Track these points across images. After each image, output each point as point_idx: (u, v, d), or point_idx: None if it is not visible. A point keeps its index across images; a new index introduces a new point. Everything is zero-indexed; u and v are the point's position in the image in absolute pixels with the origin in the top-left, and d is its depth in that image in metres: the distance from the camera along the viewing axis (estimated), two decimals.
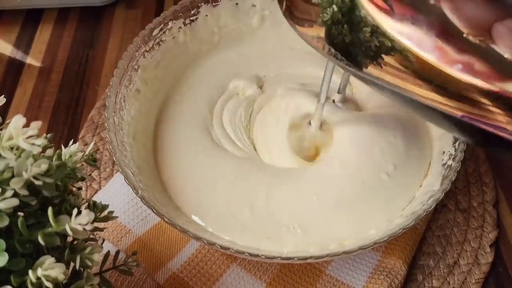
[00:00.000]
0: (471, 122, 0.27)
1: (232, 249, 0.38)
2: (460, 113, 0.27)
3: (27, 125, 0.28)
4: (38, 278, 0.26)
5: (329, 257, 0.38)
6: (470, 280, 0.46)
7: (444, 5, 0.24)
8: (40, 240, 0.27)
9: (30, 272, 0.26)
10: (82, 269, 0.31)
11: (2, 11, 0.73)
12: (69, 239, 0.31)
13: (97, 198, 0.37)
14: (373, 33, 0.28)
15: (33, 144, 0.28)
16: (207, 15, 0.55)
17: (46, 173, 0.29)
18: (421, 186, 0.46)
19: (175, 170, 0.48)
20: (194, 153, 0.49)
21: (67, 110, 0.62)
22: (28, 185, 0.28)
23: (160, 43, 0.53)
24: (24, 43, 0.70)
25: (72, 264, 0.30)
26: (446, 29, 0.25)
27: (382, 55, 0.29)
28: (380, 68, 0.29)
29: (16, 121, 0.28)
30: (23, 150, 0.28)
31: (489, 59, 0.24)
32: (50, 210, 0.27)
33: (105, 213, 0.35)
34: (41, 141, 0.28)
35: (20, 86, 0.64)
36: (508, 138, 0.26)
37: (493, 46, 0.24)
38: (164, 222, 0.39)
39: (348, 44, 0.31)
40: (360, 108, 0.52)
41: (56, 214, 0.28)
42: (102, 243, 0.47)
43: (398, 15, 0.27)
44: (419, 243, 0.48)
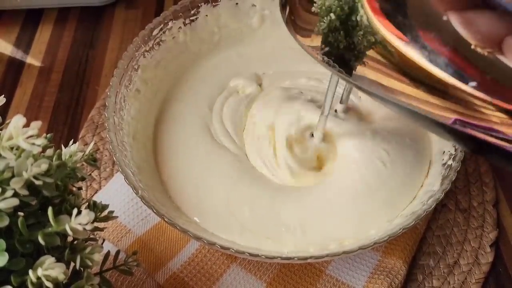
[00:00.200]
0: (463, 130, 0.27)
1: (232, 249, 0.38)
2: (452, 118, 0.27)
3: (27, 125, 0.28)
4: (38, 278, 0.26)
5: (329, 257, 0.38)
6: (470, 280, 0.46)
7: (454, 18, 0.25)
8: (40, 240, 0.27)
9: (30, 272, 0.26)
10: (82, 269, 0.31)
11: (2, 11, 0.73)
12: (69, 239, 0.31)
13: (97, 198, 0.37)
14: (366, 38, 0.29)
15: (33, 144, 0.28)
16: (207, 15, 0.55)
17: (46, 173, 0.29)
18: (422, 186, 0.46)
19: (175, 170, 0.48)
20: (194, 153, 0.49)
21: (67, 110, 0.62)
22: (28, 185, 0.28)
23: (160, 43, 0.53)
24: (24, 43, 0.70)
25: (72, 264, 0.30)
26: (455, 41, 0.25)
27: (374, 62, 0.29)
28: (368, 67, 0.30)
29: (16, 121, 0.28)
30: (23, 150, 0.28)
31: (495, 71, 0.25)
32: (50, 210, 0.27)
33: (105, 213, 0.35)
34: (41, 141, 0.28)
35: (20, 86, 0.64)
36: (500, 145, 0.26)
37: (501, 58, 0.24)
38: (164, 222, 0.39)
39: (342, 51, 0.31)
40: (362, 118, 0.52)
41: (56, 214, 0.28)
42: (102, 243, 0.47)
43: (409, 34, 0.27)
44: (419, 243, 0.48)
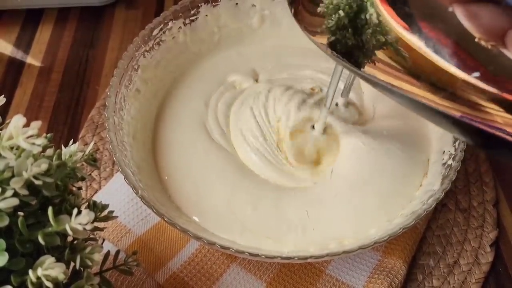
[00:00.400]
0: (471, 123, 0.27)
1: (232, 249, 0.38)
2: (459, 113, 0.27)
3: (27, 125, 0.28)
4: (38, 278, 0.26)
5: (329, 257, 0.38)
6: (470, 280, 0.46)
7: (458, 11, 0.25)
8: (40, 240, 0.27)
9: (30, 272, 0.26)
10: (82, 269, 0.31)
11: (2, 11, 0.73)
12: (69, 239, 0.31)
13: (97, 198, 0.37)
14: (375, 35, 0.29)
15: (33, 144, 0.27)
16: (207, 15, 0.55)
17: (46, 173, 0.29)
18: (421, 186, 0.46)
19: (175, 170, 0.48)
20: (193, 152, 0.49)
21: (67, 110, 0.62)
22: (28, 185, 0.28)
23: (160, 43, 0.53)
24: (24, 43, 0.70)
25: (72, 264, 0.30)
26: (459, 34, 0.25)
27: (381, 56, 0.29)
28: (378, 68, 0.30)
29: (16, 121, 0.28)
30: (23, 150, 0.28)
31: (498, 63, 0.25)
32: (50, 210, 0.27)
33: (105, 213, 0.35)
34: (41, 141, 0.28)
35: (20, 86, 0.64)
36: (507, 139, 0.26)
37: (504, 52, 0.24)
38: (164, 222, 0.39)
39: (351, 48, 0.31)
40: (362, 112, 0.52)
41: (56, 214, 0.28)
42: (102, 243, 0.47)
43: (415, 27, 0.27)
44: (419, 243, 0.48)
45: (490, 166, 0.54)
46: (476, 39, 0.25)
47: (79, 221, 0.28)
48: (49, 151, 0.32)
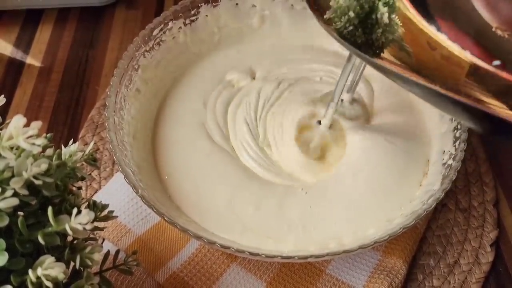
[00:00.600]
0: (483, 109, 0.27)
1: (233, 248, 0.38)
2: (471, 101, 0.27)
3: (27, 125, 0.28)
4: (38, 278, 0.26)
5: (330, 256, 0.38)
6: (471, 280, 0.46)
7: (477, 1, 0.26)
8: (40, 240, 0.27)
9: (30, 272, 0.26)
10: (82, 269, 0.31)
11: (2, 11, 0.73)
12: (69, 239, 0.31)
13: (97, 198, 0.37)
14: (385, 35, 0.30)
15: (33, 144, 0.27)
16: (207, 15, 0.55)
17: (46, 173, 0.29)
18: (421, 186, 0.46)
19: (174, 169, 0.48)
20: (193, 152, 0.49)
21: (67, 110, 0.62)
22: (28, 185, 0.28)
23: (160, 43, 0.53)
24: (24, 43, 0.70)
25: (72, 264, 0.30)
26: (477, 23, 0.26)
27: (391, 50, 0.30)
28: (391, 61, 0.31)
29: (16, 121, 0.28)
30: (23, 150, 0.28)
31: None
32: (50, 210, 0.27)
33: (105, 213, 0.35)
34: (41, 141, 0.28)
35: (20, 86, 0.64)
36: None
37: None
38: (164, 222, 0.39)
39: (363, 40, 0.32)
40: (367, 108, 0.52)
41: (56, 214, 0.28)
42: (102, 243, 0.47)
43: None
44: (419, 243, 0.48)
45: (490, 166, 0.54)
46: (493, 29, 0.25)
47: (79, 221, 0.28)
48: (49, 151, 0.32)
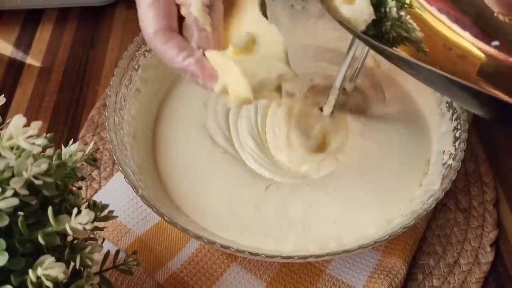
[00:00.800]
0: (489, 93, 0.27)
1: (232, 248, 0.38)
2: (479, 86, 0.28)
3: (27, 125, 0.28)
4: (38, 278, 0.26)
5: (330, 256, 0.38)
6: (471, 280, 0.46)
7: None
8: (40, 240, 0.27)
9: (30, 272, 0.26)
10: (82, 269, 0.31)
11: (2, 11, 0.73)
12: (69, 239, 0.31)
13: (97, 198, 0.37)
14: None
15: (33, 144, 0.28)
16: None
17: (46, 173, 0.29)
18: (421, 186, 0.46)
19: (174, 169, 0.48)
20: (193, 152, 0.49)
21: (67, 110, 0.62)
22: (28, 185, 0.28)
23: None
24: (24, 43, 0.70)
25: (72, 264, 0.30)
26: (479, 8, 0.26)
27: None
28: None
29: (17, 121, 0.28)
30: (23, 150, 0.28)
31: None
32: (50, 210, 0.27)
33: (105, 213, 0.35)
34: (41, 141, 0.28)
35: (20, 86, 0.64)
36: None
37: None
38: (164, 222, 0.39)
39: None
40: (367, 98, 0.52)
41: (56, 214, 0.28)
42: (102, 243, 0.47)
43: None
44: (419, 243, 0.48)
45: (490, 166, 0.54)
46: (495, 14, 0.25)
47: (79, 221, 0.28)
48: (49, 151, 0.32)
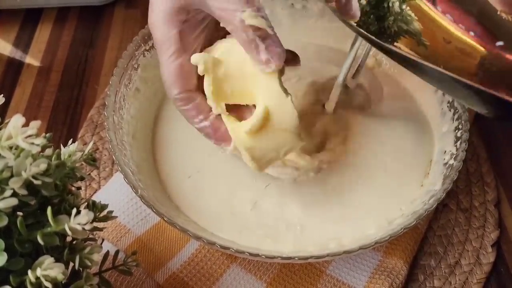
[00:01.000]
0: (492, 92, 0.27)
1: (232, 249, 0.38)
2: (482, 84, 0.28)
3: (26, 125, 0.28)
4: (37, 278, 0.26)
5: (330, 257, 0.38)
6: (472, 280, 0.45)
7: None
8: (39, 240, 0.27)
9: (29, 272, 0.26)
10: (82, 269, 0.31)
11: (1, 11, 0.73)
12: (69, 239, 0.31)
13: (97, 198, 0.37)
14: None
15: (32, 144, 0.27)
16: None
17: (45, 173, 0.28)
18: (422, 186, 0.46)
19: (174, 169, 0.48)
20: (193, 152, 0.49)
21: (67, 110, 0.61)
22: (27, 185, 0.28)
23: None
24: (24, 43, 0.70)
25: (72, 264, 0.30)
26: (483, 6, 0.27)
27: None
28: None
29: (16, 121, 0.28)
30: (22, 150, 0.28)
31: None
32: (49, 210, 0.27)
33: (105, 213, 0.35)
34: (40, 141, 0.28)
35: (19, 86, 0.64)
36: None
37: None
38: (164, 222, 0.39)
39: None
40: (369, 96, 0.52)
41: (55, 214, 0.28)
42: (102, 243, 0.47)
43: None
44: (420, 243, 0.48)
45: (491, 166, 0.53)
46: (498, 12, 0.26)
47: (78, 221, 0.27)
48: (48, 151, 0.32)
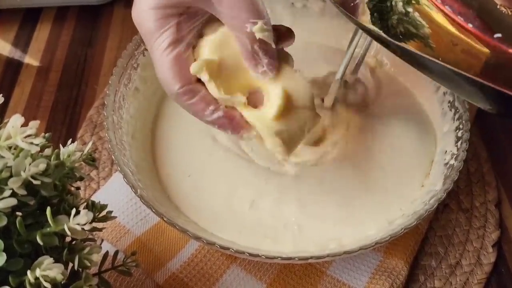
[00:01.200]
0: (494, 86, 0.27)
1: (232, 249, 0.38)
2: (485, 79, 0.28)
3: (26, 125, 0.28)
4: (37, 279, 0.26)
5: (330, 257, 0.38)
6: (472, 281, 0.45)
7: None
8: (39, 240, 0.27)
9: (29, 273, 0.26)
10: (81, 270, 0.31)
11: (1, 10, 0.73)
12: (68, 239, 0.31)
13: (96, 198, 0.36)
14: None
15: (31, 144, 0.27)
16: None
17: (44, 173, 0.28)
18: (423, 186, 0.46)
19: (174, 169, 0.48)
20: (192, 151, 0.49)
21: (66, 110, 0.61)
22: (26, 185, 0.28)
23: None
24: (23, 42, 0.70)
25: (71, 265, 0.30)
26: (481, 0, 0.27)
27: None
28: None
29: (15, 121, 0.28)
30: (22, 150, 0.28)
31: None
32: (49, 210, 0.27)
33: (104, 213, 0.35)
34: (40, 141, 0.28)
35: (18, 86, 0.64)
36: None
37: None
38: (164, 222, 0.39)
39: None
40: (368, 92, 0.52)
41: (55, 214, 0.28)
42: (101, 243, 0.47)
43: None
44: (421, 244, 0.48)
45: (492, 166, 0.53)
46: (498, 6, 0.26)
47: (78, 221, 0.27)
48: (47, 151, 0.32)
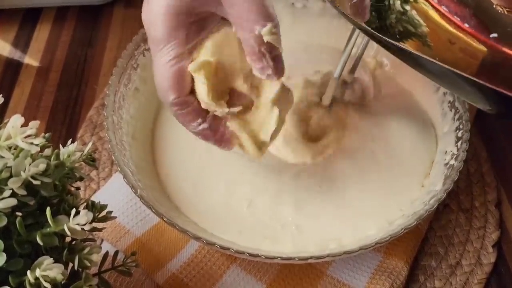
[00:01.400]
0: (493, 87, 0.27)
1: (232, 249, 0.38)
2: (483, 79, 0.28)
3: (26, 125, 0.28)
4: (37, 279, 0.26)
5: (330, 257, 0.38)
6: (472, 281, 0.45)
7: None
8: (39, 240, 0.27)
9: (29, 273, 0.26)
10: (81, 270, 0.31)
11: (1, 10, 0.73)
12: (68, 240, 0.31)
13: (96, 198, 0.36)
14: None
15: (31, 144, 0.27)
16: None
17: (44, 173, 0.29)
18: (423, 186, 0.46)
19: (174, 169, 0.48)
20: (192, 151, 0.49)
21: (66, 110, 0.61)
22: (26, 185, 0.28)
23: None
24: (22, 42, 0.70)
25: (71, 265, 0.30)
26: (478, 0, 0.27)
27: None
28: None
29: (15, 121, 0.28)
30: (21, 150, 0.28)
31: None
32: (49, 210, 0.27)
33: (104, 213, 0.35)
34: (39, 141, 0.28)
35: (18, 86, 0.64)
36: None
37: None
38: (164, 222, 0.39)
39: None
40: (366, 91, 0.52)
41: (55, 214, 0.28)
42: (101, 244, 0.47)
43: None
44: (421, 244, 0.48)
45: (492, 166, 0.53)
46: (494, 5, 0.26)
47: (78, 222, 0.28)
48: (47, 151, 0.32)
